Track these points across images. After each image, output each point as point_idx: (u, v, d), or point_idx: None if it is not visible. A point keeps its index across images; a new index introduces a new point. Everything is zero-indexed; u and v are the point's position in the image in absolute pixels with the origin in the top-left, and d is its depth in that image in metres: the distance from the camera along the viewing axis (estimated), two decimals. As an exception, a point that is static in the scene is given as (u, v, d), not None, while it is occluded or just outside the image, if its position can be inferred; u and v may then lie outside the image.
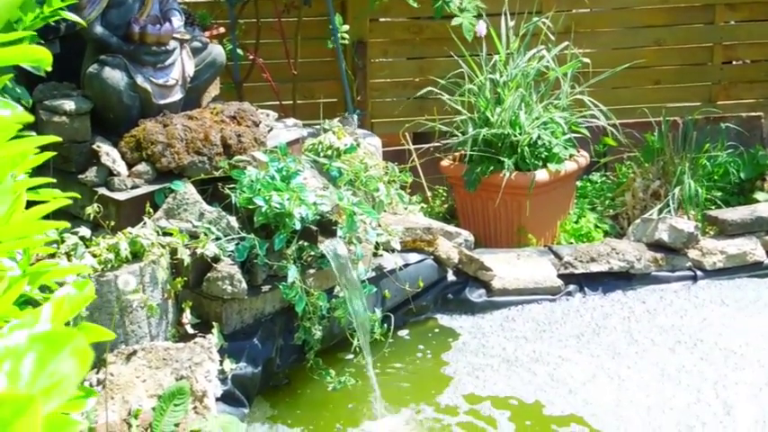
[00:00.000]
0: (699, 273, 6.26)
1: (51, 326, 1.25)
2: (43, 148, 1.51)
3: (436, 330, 5.70)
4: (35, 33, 3.22)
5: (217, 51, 5.53)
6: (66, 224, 1.62)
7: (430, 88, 7.14)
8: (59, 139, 1.65)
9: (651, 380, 5.03)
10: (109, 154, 4.94)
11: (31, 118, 1.42)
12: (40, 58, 1.42)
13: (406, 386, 5.11)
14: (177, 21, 5.29)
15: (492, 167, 6.75)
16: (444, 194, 7.64)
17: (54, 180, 1.68)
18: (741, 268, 6.35)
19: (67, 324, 1.32)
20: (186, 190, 4.84)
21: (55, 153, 1.68)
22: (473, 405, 4.88)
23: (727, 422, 4.61)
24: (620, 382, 5.03)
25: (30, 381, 0.96)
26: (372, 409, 4.75)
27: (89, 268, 4.22)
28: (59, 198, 1.57)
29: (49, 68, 1.54)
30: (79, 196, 2.56)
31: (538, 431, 4.62)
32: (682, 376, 5.05)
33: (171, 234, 4.64)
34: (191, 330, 4.65)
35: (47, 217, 1.55)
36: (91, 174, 4.87)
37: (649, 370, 5.13)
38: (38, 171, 1.73)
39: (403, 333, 5.62)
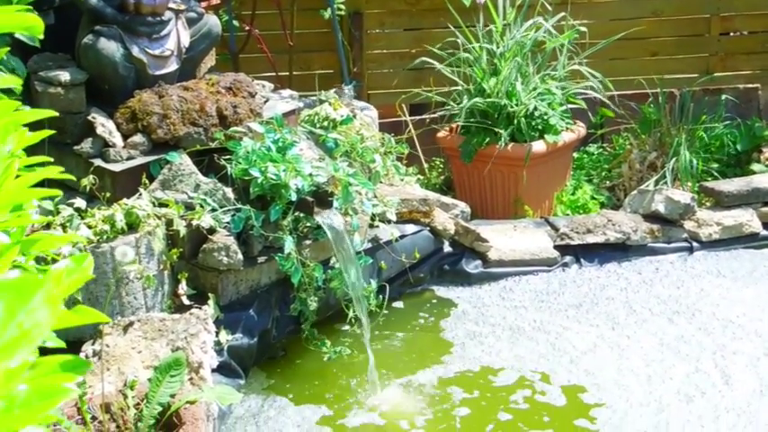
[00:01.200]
0: (695, 244, 6.27)
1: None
2: (40, 123, 1.50)
3: (434, 301, 5.72)
4: (29, 4, 3.21)
5: (212, 22, 5.50)
6: (59, 192, 1.61)
7: (425, 59, 7.12)
8: (55, 113, 1.65)
9: (651, 349, 5.05)
10: (104, 125, 4.92)
11: (18, 81, 1.41)
12: (31, 25, 1.41)
13: (405, 356, 5.12)
14: (172, -9, 5.27)
15: (488, 139, 6.75)
16: (441, 166, 7.63)
17: (50, 158, 1.67)
18: (737, 239, 6.36)
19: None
20: (182, 161, 4.84)
21: (53, 132, 1.67)
22: (475, 373, 4.89)
23: (726, 392, 4.62)
24: (620, 351, 5.05)
25: (-2, 330, 0.95)
26: (370, 379, 4.75)
27: (83, 237, 4.22)
28: (53, 169, 1.56)
29: (41, 36, 1.52)
30: (74, 178, 2.55)
31: (542, 401, 4.62)
32: (681, 346, 5.07)
33: (167, 205, 4.64)
34: (186, 302, 4.66)
35: (40, 186, 1.54)
36: (86, 145, 4.86)
37: (648, 340, 5.15)
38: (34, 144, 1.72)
39: (400, 304, 5.63)
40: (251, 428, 4.40)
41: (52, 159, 1.61)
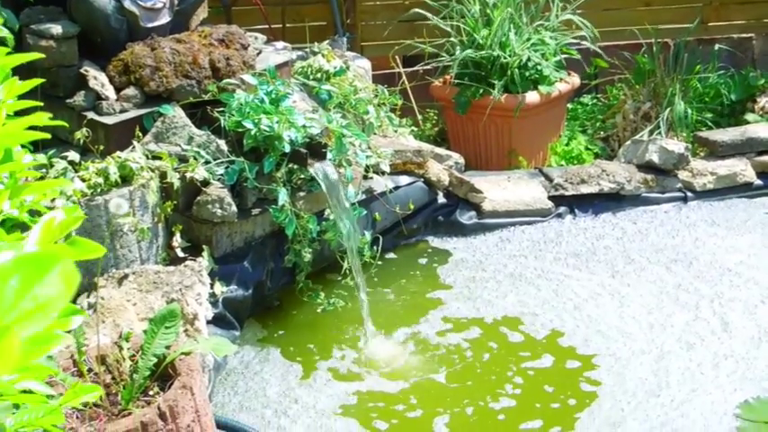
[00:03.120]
0: (689, 194, 6.28)
1: (38, 248, 1.25)
2: (32, 74, 1.50)
3: (429, 251, 5.74)
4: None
5: (204, -26, 5.48)
6: (47, 135, 1.60)
7: (418, 10, 7.10)
8: (42, 55, 1.64)
9: (650, 297, 5.10)
10: (97, 78, 4.91)
11: (10, 37, 1.41)
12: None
13: (401, 305, 5.15)
14: (164, -57, 5.24)
15: (482, 90, 6.74)
16: (435, 117, 7.62)
17: (41, 103, 1.67)
18: (731, 189, 6.38)
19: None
20: (175, 114, 4.83)
21: (43, 80, 1.67)
22: (474, 319, 4.93)
23: (725, 338, 4.67)
24: (620, 299, 5.10)
25: (13, 303, 0.96)
26: (365, 328, 4.77)
27: (70, 182, 4.21)
28: (42, 115, 1.56)
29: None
30: (66, 125, 2.54)
31: (550, 349, 4.66)
32: (680, 294, 5.11)
33: (160, 158, 4.63)
34: (181, 254, 4.66)
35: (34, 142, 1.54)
36: (79, 98, 4.84)
37: (648, 288, 5.20)
38: (26, 97, 1.71)
39: (395, 255, 5.65)
40: (242, 379, 4.42)
41: (42, 104, 1.60)
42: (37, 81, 1.58)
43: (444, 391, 4.35)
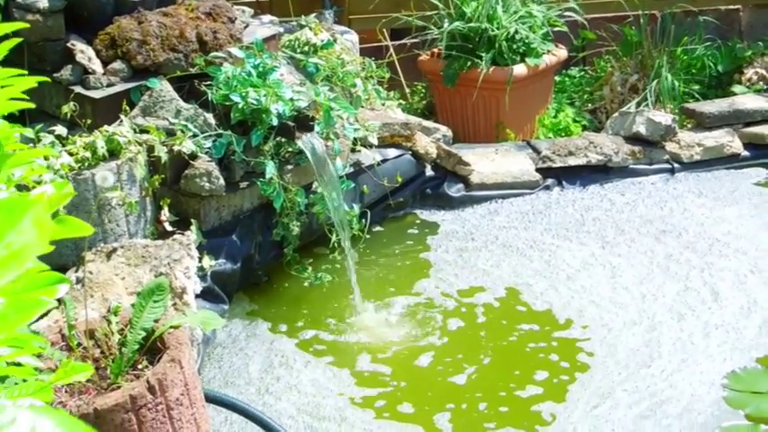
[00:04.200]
0: (676, 165, 6.31)
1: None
2: (20, 50, 1.49)
3: (417, 223, 5.76)
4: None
5: (190, -53, 5.46)
6: (31, 105, 1.59)
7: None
8: (27, 24, 1.63)
9: (642, 268, 5.14)
10: (84, 52, 4.89)
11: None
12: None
13: (390, 276, 5.17)
14: None
15: (470, 63, 6.73)
16: (423, 91, 7.61)
17: (25, 71, 1.66)
18: (718, 160, 6.40)
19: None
20: (162, 87, 4.81)
21: (21, 39, 1.65)
22: (462, 290, 4.95)
23: (715, 309, 4.72)
24: (612, 269, 5.13)
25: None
26: (354, 301, 4.78)
27: (55, 152, 4.20)
28: (29, 80, 1.55)
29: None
30: (48, 80, 2.54)
31: (545, 319, 4.69)
32: (670, 264, 5.15)
33: (148, 131, 4.62)
34: (169, 228, 4.66)
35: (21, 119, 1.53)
36: (66, 72, 4.83)
37: (639, 258, 5.24)
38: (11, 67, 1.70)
39: (383, 228, 5.66)
40: (228, 354, 4.43)
41: (26, 72, 1.59)
42: (15, 40, 1.56)
43: (436, 362, 4.36)
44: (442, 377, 4.24)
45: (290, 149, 4.95)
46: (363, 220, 5.29)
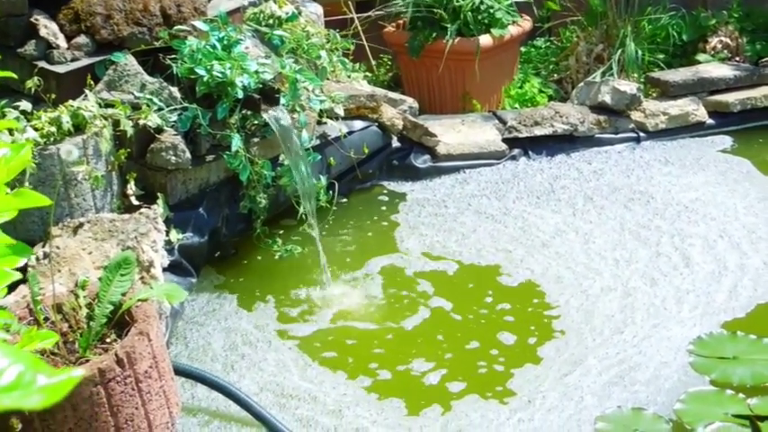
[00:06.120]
0: (642, 134, 6.34)
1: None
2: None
3: (385, 192, 5.78)
4: None
5: None
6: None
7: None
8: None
9: (614, 234, 5.20)
10: (47, 27, 4.86)
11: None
12: None
13: (361, 247, 5.18)
14: None
15: (435, 34, 6.74)
16: (389, 63, 7.61)
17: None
18: (683, 129, 6.44)
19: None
20: (127, 61, 4.80)
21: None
22: (441, 255, 4.97)
23: (687, 274, 4.77)
24: (584, 236, 5.19)
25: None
26: (323, 273, 4.78)
27: (17, 124, 4.18)
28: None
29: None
30: (15, 76, 2.52)
31: (524, 287, 4.72)
32: (641, 231, 5.21)
33: (113, 106, 4.60)
34: (135, 202, 4.64)
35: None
36: (30, 47, 4.80)
37: (610, 225, 5.30)
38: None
39: (350, 200, 5.66)
40: (195, 327, 4.44)
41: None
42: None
43: (414, 331, 4.38)
44: (419, 341, 4.27)
45: (255, 122, 4.94)
46: (331, 192, 5.29)
